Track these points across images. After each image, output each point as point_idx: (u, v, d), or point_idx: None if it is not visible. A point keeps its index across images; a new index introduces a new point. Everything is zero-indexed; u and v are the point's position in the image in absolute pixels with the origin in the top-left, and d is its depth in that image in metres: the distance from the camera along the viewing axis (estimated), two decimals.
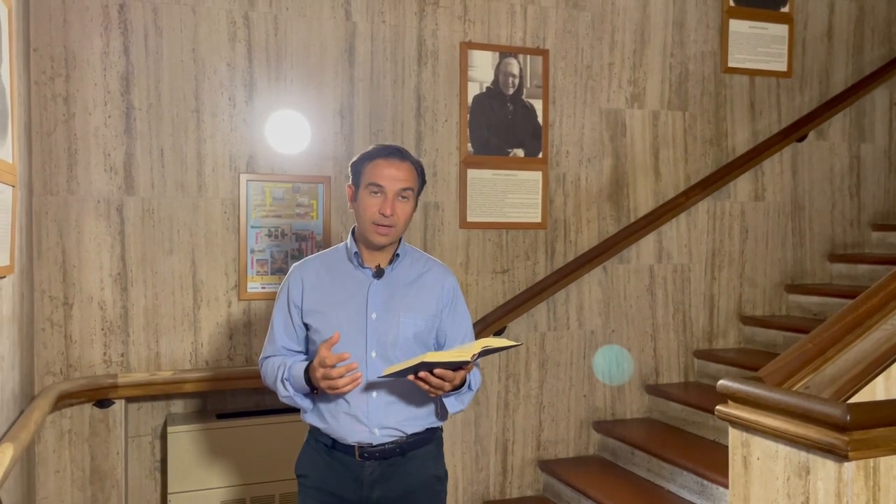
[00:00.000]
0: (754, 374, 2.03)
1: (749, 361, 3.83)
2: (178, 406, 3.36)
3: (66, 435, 3.05)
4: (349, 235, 2.08)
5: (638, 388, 3.97)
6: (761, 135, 4.20)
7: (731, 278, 4.15)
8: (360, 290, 2.01)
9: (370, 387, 1.96)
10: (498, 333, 3.61)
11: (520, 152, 3.73)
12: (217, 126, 3.31)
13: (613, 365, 3.91)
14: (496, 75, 3.69)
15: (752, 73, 4.18)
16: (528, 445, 3.76)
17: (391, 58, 3.54)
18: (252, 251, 3.37)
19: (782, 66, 4.24)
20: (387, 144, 2.07)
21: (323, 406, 2.00)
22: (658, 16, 3.99)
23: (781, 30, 4.23)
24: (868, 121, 4.44)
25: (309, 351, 2.07)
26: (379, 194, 1.95)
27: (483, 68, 3.66)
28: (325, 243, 3.45)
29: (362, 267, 2.03)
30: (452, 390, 1.90)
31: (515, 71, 3.71)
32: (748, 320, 4.16)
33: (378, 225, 1.95)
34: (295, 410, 2.09)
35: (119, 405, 3.11)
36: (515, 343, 1.86)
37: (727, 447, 3.39)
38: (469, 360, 1.78)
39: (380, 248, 2.01)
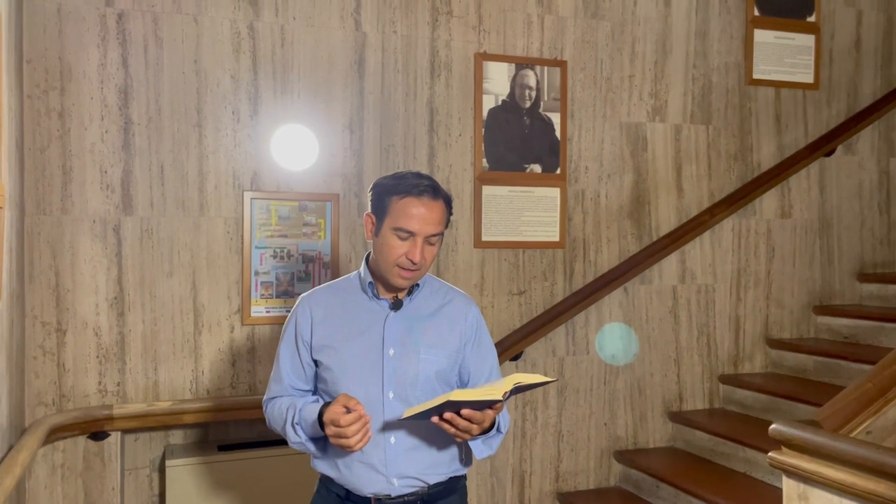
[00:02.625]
0: (811, 419, 1.84)
1: (778, 388, 3.64)
2: (177, 437, 3.18)
3: (59, 469, 2.87)
4: (363, 263, 1.90)
5: (661, 416, 3.77)
6: (787, 149, 4.02)
7: (757, 299, 3.97)
8: (376, 324, 1.82)
9: (388, 431, 1.77)
10: (515, 359, 3.42)
11: (537, 168, 3.56)
12: (220, 141, 3.14)
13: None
14: (512, 88, 3.52)
15: (778, 84, 4.01)
16: (547, 477, 3.57)
17: (403, 69, 3.38)
18: (256, 273, 3.19)
19: (809, 78, 4.07)
20: (417, 176, 1.79)
21: (335, 453, 1.81)
22: (680, 26, 3.83)
23: (808, 40, 4.06)
24: None
25: (318, 389, 1.89)
26: (408, 240, 1.75)
27: (499, 80, 3.49)
28: (333, 264, 3.27)
29: (377, 298, 1.85)
30: (480, 433, 1.71)
31: (532, 83, 3.54)
32: (775, 343, 3.97)
33: (403, 269, 1.76)
34: None
35: (115, 437, 2.93)
36: (550, 379, 1.67)
37: (760, 481, 3.23)
38: (500, 398, 1.59)
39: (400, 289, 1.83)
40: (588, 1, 3.66)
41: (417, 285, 1.85)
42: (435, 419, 1.64)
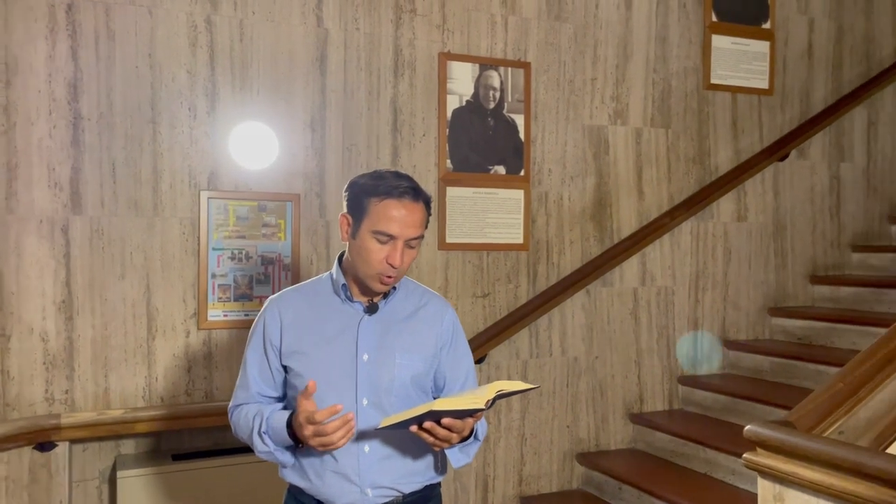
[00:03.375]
0: (784, 419, 1.84)
1: (736, 389, 3.69)
2: (128, 446, 3.04)
3: (3, 482, 2.71)
4: (335, 264, 1.83)
5: (622, 417, 3.78)
6: (744, 153, 4.09)
7: (714, 301, 4.02)
8: (350, 328, 1.76)
9: (362, 440, 1.70)
10: (479, 362, 3.38)
11: (501, 169, 3.53)
12: (175, 138, 3.03)
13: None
14: (476, 88, 3.48)
15: (735, 90, 4.07)
16: (510, 481, 3.54)
17: (366, 68, 3.31)
18: (213, 275, 3.08)
19: (764, 84, 4.14)
20: (396, 176, 1.73)
21: (306, 462, 1.74)
22: (641, 30, 3.85)
23: (763, 46, 4.13)
24: (847, 140, 4.37)
25: (288, 396, 1.81)
26: (388, 243, 1.69)
27: (463, 80, 3.46)
28: (294, 266, 3.19)
29: (351, 301, 1.78)
30: (459, 441, 1.66)
31: (496, 84, 3.52)
32: (732, 345, 4.02)
33: (382, 273, 1.70)
34: None
35: (63, 448, 2.79)
36: (532, 386, 1.63)
37: (721, 482, 3.26)
38: (483, 406, 1.55)
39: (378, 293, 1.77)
40: (551, 3, 3.65)
41: (394, 288, 1.79)
42: (413, 428, 1.58)
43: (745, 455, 1.85)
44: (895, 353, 1.91)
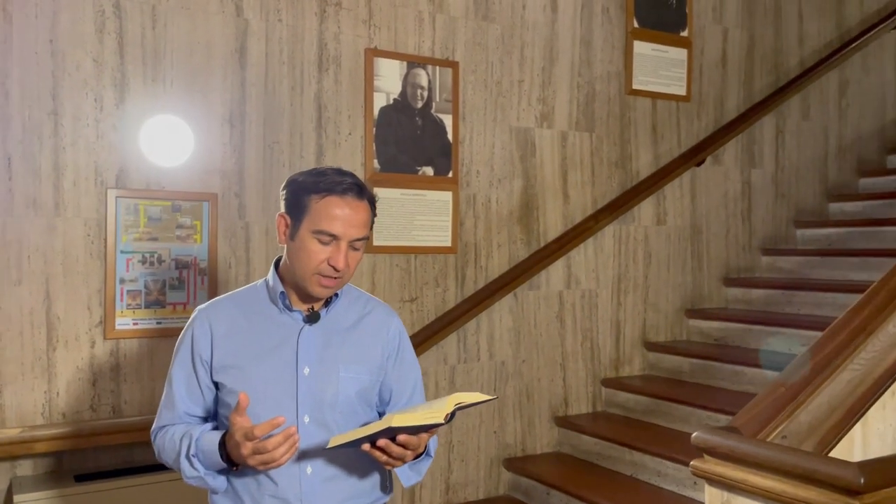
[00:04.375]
0: (729, 424, 1.84)
1: (657, 390, 3.75)
2: (25, 467, 2.77)
3: None
4: (271, 270, 1.69)
5: (548, 421, 3.77)
6: (663, 158, 4.16)
7: (635, 304, 4.07)
8: (289, 339, 1.62)
9: (303, 460, 1.58)
10: None
11: (429, 171, 3.45)
12: (79, 132, 2.79)
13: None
14: (404, 86, 3.38)
15: (655, 95, 4.14)
16: (437, 490, 3.46)
17: (288, 61, 3.15)
18: (122, 281, 2.85)
19: (682, 91, 4.23)
20: (339, 173, 1.60)
21: (240, 486, 1.59)
22: (566, 33, 3.85)
23: (681, 54, 4.22)
24: (758, 147, 4.53)
25: (220, 415, 1.66)
26: (330, 244, 1.56)
27: (390, 78, 3.35)
28: (211, 270, 2.99)
29: (290, 310, 1.65)
30: (412, 458, 1.56)
31: (424, 83, 3.43)
32: (652, 346, 4.08)
33: (324, 276, 1.57)
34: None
35: None
36: (490, 397, 1.54)
37: (646, 483, 3.29)
38: (443, 421, 1.45)
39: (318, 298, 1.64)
40: (479, 2, 3.60)
41: (336, 295, 1.67)
42: (366, 447, 1.47)
43: (692, 463, 1.84)
44: (832, 356, 1.95)
